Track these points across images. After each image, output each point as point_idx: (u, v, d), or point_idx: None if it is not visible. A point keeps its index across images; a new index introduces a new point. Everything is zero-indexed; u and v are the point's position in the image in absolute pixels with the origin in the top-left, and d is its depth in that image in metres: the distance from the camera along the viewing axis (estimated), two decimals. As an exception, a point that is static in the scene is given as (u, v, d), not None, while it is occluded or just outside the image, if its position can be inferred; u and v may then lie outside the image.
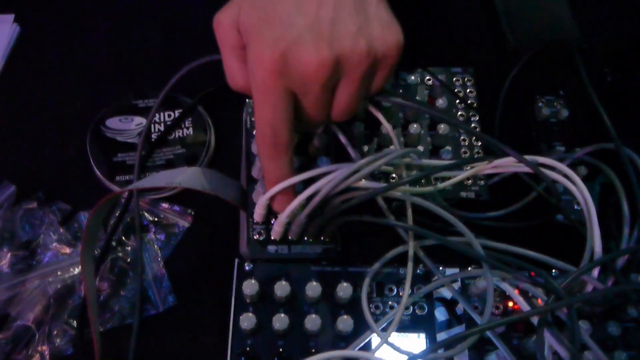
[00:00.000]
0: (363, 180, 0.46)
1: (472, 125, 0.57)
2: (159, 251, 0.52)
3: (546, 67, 0.62)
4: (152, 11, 0.66)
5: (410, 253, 0.47)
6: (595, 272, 0.44)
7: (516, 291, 0.46)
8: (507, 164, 0.49)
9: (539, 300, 0.45)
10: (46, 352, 0.48)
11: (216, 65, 0.54)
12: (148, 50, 0.64)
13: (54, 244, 0.51)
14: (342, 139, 0.51)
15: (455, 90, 0.59)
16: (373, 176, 0.50)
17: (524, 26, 0.65)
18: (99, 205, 0.46)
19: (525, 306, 0.44)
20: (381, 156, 0.46)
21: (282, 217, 0.46)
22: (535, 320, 0.43)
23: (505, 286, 0.45)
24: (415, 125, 0.55)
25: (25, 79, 0.62)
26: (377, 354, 0.44)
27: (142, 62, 0.63)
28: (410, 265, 0.47)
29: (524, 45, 0.63)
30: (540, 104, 0.59)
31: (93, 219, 0.47)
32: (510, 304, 0.47)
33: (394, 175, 0.53)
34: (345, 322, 0.45)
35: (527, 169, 0.48)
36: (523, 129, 0.59)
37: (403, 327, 0.47)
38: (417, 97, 0.57)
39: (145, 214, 0.54)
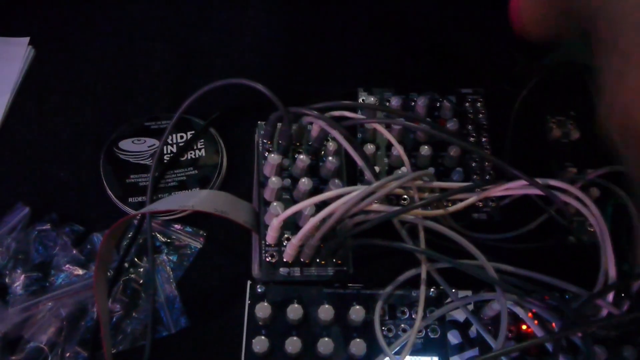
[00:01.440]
0: (376, 203, 0.46)
1: (483, 146, 0.57)
2: (171, 272, 0.52)
3: (556, 88, 0.62)
4: (165, 34, 0.67)
5: (423, 276, 0.47)
6: (610, 296, 0.44)
7: (529, 315, 0.46)
8: (519, 187, 0.49)
9: (553, 324, 0.45)
10: (59, 374, 0.48)
11: (228, 87, 0.55)
12: (160, 72, 0.64)
13: (67, 266, 0.51)
14: (358, 160, 0.51)
15: (466, 111, 0.59)
16: (387, 198, 0.51)
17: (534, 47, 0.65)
18: (113, 228, 0.47)
19: (539, 331, 0.44)
20: (394, 179, 0.46)
21: (295, 240, 0.47)
22: (549, 344, 0.43)
23: (519, 310, 0.45)
24: (426, 147, 0.55)
25: (39, 101, 0.62)
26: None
27: (154, 84, 0.63)
28: (423, 288, 0.47)
29: (534, 66, 0.63)
30: (551, 125, 0.59)
31: (106, 242, 0.47)
32: (524, 326, 0.47)
33: (405, 196, 0.53)
34: (358, 346, 0.45)
35: (538, 191, 0.48)
36: (534, 150, 0.59)
37: (416, 351, 0.47)
38: (427, 119, 0.57)
39: (158, 235, 0.54)
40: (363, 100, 0.59)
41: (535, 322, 0.45)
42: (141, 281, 0.52)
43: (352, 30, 0.69)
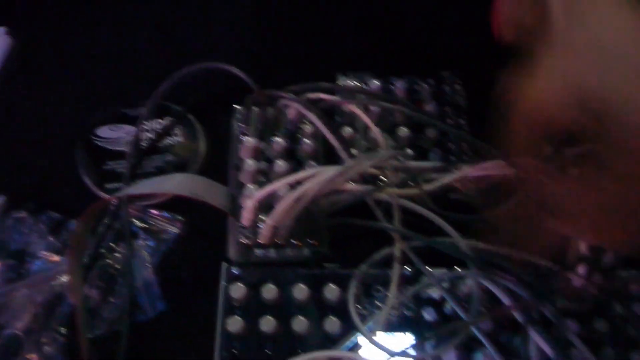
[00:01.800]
0: (350, 183, 0.46)
1: (462, 128, 0.57)
2: (148, 258, 0.52)
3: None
4: (142, 20, 0.67)
5: (397, 254, 0.47)
6: (581, 269, 0.44)
7: (504, 291, 0.46)
8: (495, 166, 0.49)
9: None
10: (35, 360, 0.48)
11: (206, 73, 0.55)
12: (138, 58, 0.64)
13: (43, 253, 0.51)
14: (334, 142, 0.51)
15: (445, 93, 0.59)
16: (363, 179, 0.51)
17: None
18: (87, 212, 0.47)
19: (512, 306, 0.44)
20: (367, 158, 0.46)
21: (269, 220, 0.47)
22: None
23: (492, 286, 0.45)
24: (403, 129, 0.55)
25: (16, 90, 0.62)
26: (364, 354, 0.44)
27: (132, 70, 0.63)
28: (396, 266, 0.47)
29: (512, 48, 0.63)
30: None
31: (81, 226, 0.47)
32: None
33: (382, 177, 0.53)
34: (332, 324, 0.45)
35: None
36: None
37: (391, 328, 0.47)
38: (404, 100, 0.58)
39: (135, 221, 0.54)
40: (340, 83, 0.59)
41: (507, 296, 0.45)
42: (118, 266, 0.52)
43: (332, 15, 0.69)
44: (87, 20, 0.67)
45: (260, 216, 0.49)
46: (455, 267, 0.48)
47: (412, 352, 0.45)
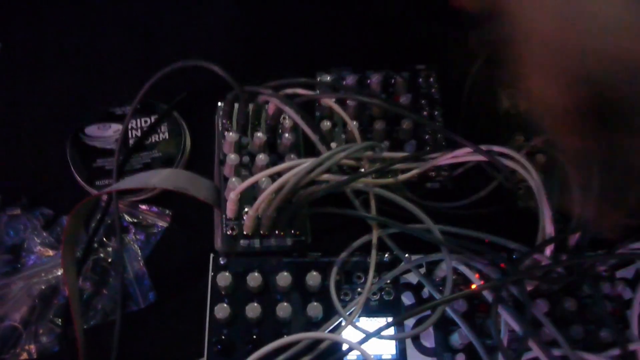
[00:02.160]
0: (328, 174, 0.49)
1: (436, 119, 0.60)
2: (139, 251, 0.54)
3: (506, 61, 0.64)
4: (128, 20, 0.69)
5: (374, 241, 0.50)
6: (548, 251, 0.46)
7: (477, 276, 0.48)
8: (465, 154, 0.51)
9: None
10: (33, 350, 0.50)
11: (192, 71, 0.57)
12: (125, 58, 0.66)
13: (38, 248, 0.53)
14: (312, 136, 0.53)
15: (419, 86, 0.61)
16: (342, 170, 0.53)
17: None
18: (78, 207, 0.49)
19: (480, 285, 0.47)
20: (342, 150, 0.49)
21: (251, 211, 0.49)
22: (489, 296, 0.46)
23: (464, 268, 0.48)
24: (380, 122, 0.57)
25: (5, 91, 0.64)
26: (345, 337, 0.46)
27: (119, 70, 0.65)
28: (374, 252, 0.50)
29: (485, 41, 0.66)
30: (501, 97, 0.61)
31: (72, 221, 0.49)
32: (474, 286, 0.50)
33: (362, 170, 0.55)
34: (315, 309, 0.48)
35: (483, 158, 0.50)
36: (489, 122, 0.61)
37: (371, 312, 0.49)
38: (382, 95, 0.60)
39: (125, 215, 0.56)
40: (319, 79, 0.61)
41: (482, 282, 0.48)
42: (110, 260, 0.54)
43: (311, 12, 0.70)
44: (73, 22, 0.68)
45: (245, 208, 0.51)
46: (431, 252, 0.51)
47: (390, 332, 0.47)
